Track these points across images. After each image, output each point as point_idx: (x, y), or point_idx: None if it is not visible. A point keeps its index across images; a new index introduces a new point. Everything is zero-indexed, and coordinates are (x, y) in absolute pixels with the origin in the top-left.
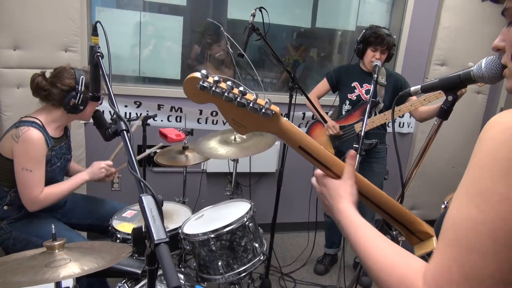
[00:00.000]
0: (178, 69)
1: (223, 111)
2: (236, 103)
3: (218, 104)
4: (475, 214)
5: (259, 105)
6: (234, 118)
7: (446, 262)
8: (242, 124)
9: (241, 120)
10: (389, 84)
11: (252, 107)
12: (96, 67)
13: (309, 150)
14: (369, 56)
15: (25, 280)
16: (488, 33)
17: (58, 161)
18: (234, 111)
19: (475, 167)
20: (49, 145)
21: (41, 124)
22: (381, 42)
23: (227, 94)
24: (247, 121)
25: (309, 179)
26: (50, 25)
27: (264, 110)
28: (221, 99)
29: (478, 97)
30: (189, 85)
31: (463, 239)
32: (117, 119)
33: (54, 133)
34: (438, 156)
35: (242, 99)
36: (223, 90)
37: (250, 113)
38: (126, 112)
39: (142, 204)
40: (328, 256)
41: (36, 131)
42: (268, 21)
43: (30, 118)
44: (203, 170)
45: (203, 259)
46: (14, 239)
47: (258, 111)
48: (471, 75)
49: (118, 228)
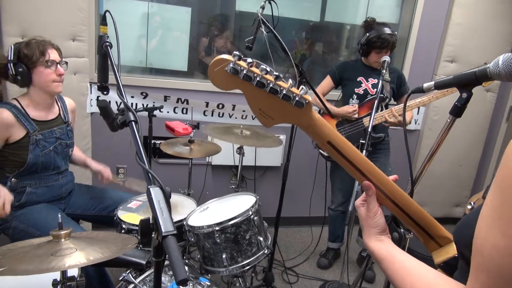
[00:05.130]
0: (185, 60)
1: (250, 98)
2: (268, 89)
3: (247, 90)
4: (499, 239)
5: (292, 92)
6: (262, 108)
7: (479, 286)
8: (269, 115)
9: (269, 110)
10: (392, 79)
11: (286, 95)
12: (104, 57)
13: (338, 146)
14: (373, 57)
15: (31, 268)
16: (500, 31)
17: (49, 145)
18: (263, 99)
19: (499, 187)
20: (29, 129)
21: (20, 106)
22: (386, 46)
23: (259, 79)
24: (276, 110)
25: (314, 174)
26: (58, 14)
27: (298, 98)
28: (251, 85)
29: (488, 95)
30: (217, 68)
31: (489, 263)
32: (125, 110)
33: (38, 115)
34: (445, 154)
35: (275, 85)
36: (255, 75)
37: (281, 101)
38: (132, 103)
39: (150, 195)
40: (332, 251)
41: (5, 111)
42: (278, 14)
43: (12, 100)
44: (208, 162)
45: (208, 252)
46: (13, 229)
47: (291, 100)
48: (488, 72)
49: (123, 219)
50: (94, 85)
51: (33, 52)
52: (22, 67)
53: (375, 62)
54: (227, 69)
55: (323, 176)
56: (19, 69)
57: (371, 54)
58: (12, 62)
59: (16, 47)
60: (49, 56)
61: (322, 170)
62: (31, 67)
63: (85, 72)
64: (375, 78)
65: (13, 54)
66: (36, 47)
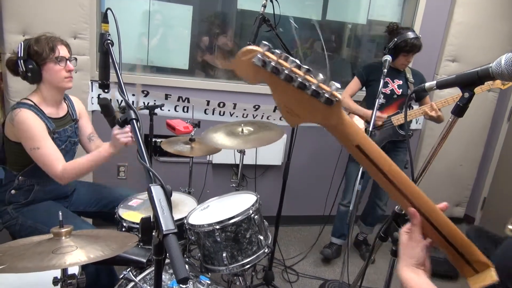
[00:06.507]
0: (186, 59)
1: (276, 93)
2: (297, 84)
3: (273, 84)
4: None
5: (322, 89)
6: (287, 104)
7: None
8: (295, 112)
9: (295, 107)
10: (416, 82)
11: (315, 90)
12: (105, 55)
13: (368, 151)
14: (401, 60)
15: (31, 266)
16: (502, 30)
17: (62, 143)
18: (290, 95)
19: None
20: (49, 127)
21: (34, 105)
22: (414, 49)
23: (287, 73)
24: (303, 107)
25: (314, 174)
26: (59, 11)
27: (327, 95)
28: (278, 78)
29: (489, 95)
30: (244, 58)
31: None
32: (127, 108)
33: (52, 112)
34: (446, 153)
35: (304, 80)
36: (283, 68)
37: (310, 98)
38: (133, 101)
39: (151, 194)
40: (334, 245)
41: (28, 111)
42: (279, 13)
43: (24, 100)
44: (209, 161)
45: (208, 250)
46: (20, 226)
47: (320, 96)
48: (490, 72)
49: (124, 217)
50: (95, 83)
51: (43, 49)
52: (32, 63)
53: (402, 65)
54: (254, 60)
55: (324, 175)
56: (29, 66)
57: (398, 58)
58: (22, 59)
59: (26, 43)
60: (58, 53)
61: (323, 169)
62: (41, 63)
63: (86, 70)
64: (400, 79)
65: (23, 51)
66: (46, 43)
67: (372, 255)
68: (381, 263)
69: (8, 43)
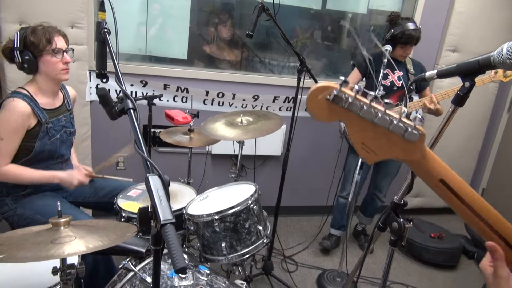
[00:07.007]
0: (185, 48)
1: (353, 130)
2: (377, 120)
3: (350, 121)
4: None
5: (404, 123)
6: (365, 142)
7: None
8: (372, 149)
9: (373, 143)
10: (416, 73)
11: (396, 125)
12: (103, 44)
13: (452, 183)
14: (399, 51)
15: (30, 256)
16: (503, 20)
17: (57, 133)
18: (368, 131)
19: None
20: (41, 118)
21: (29, 95)
22: (411, 41)
23: (366, 109)
24: (381, 144)
25: (314, 164)
26: (56, 0)
27: (411, 129)
28: (356, 116)
29: (489, 85)
30: (318, 95)
31: None
32: (124, 98)
33: (47, 103)
34: (446, 145)
35: (385, 115)
36: (361, 103)
37: (390, 133)
38: (132, 91)
39: (148, 184)
40: (333, 237)
41: (21, 101)
42: (279, 2)
43: (19, 89)
44: (208, 151)
45: (207, 240)
46: (19, 216)
47: (402, 132)
48: (491, 61)
49: (123, 207)
50: (93, 73)
51: (40, 40)
52: (28, 54)
53: (400, 56)
54: (328, 97)
55: (323, 165)
56: (26, 57)
57: (396, 49)
58: (18, 50)
59: (22, 33)
60: (55, 44)
61: (322, 159)
62: (38, 55)
63: (84, 59)
64: (401, 70)
65: (19, 41)
66: (43, 34)
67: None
68: (379, 253)
69: (5, 32)
